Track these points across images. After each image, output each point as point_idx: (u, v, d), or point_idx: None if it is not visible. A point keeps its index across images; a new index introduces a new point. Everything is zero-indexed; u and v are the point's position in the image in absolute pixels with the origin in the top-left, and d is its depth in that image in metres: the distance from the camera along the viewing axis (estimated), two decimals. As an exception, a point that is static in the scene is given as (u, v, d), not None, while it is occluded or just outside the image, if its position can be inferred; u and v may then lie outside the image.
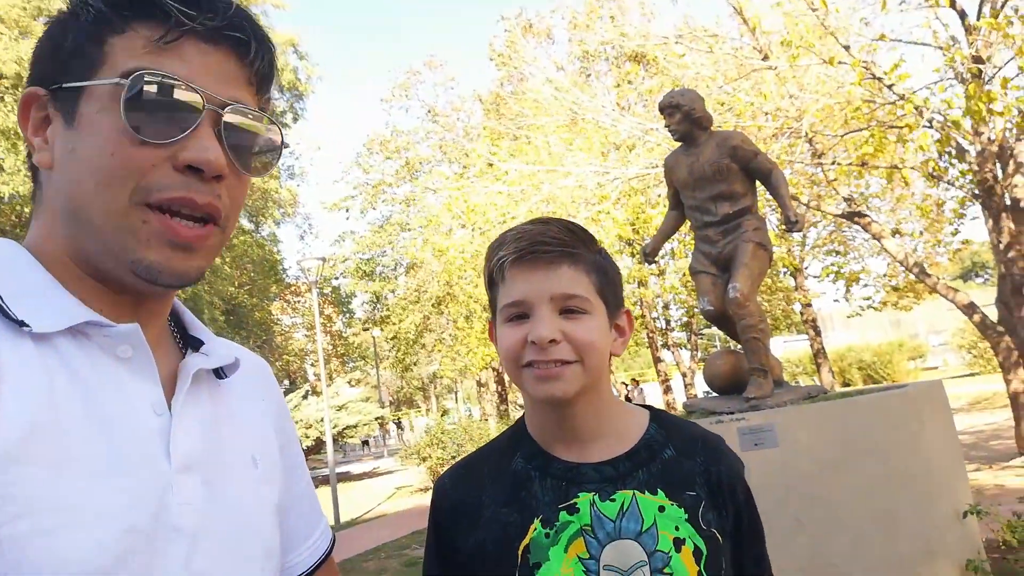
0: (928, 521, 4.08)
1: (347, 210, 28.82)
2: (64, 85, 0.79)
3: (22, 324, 0.72)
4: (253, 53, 0.82)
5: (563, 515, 1.10)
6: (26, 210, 14.43)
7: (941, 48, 8.04)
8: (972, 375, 24.44)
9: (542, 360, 1.10)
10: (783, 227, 5.11)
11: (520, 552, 1.09)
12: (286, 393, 25.43)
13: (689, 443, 1.18)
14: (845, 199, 10.05)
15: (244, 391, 0.96)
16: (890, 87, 7.74)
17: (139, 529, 0.71)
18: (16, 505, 0.64)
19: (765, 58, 8.94)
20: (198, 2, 0.77)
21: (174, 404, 0.81)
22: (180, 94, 0.77)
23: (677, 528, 1.09)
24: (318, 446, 21.11)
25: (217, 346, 0.94)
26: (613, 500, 1.10)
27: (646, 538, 1.07)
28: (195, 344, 0.93)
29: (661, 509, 1.09)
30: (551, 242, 1.12)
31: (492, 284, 1.20)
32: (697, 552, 1.08)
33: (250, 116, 0.83)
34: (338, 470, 20.01)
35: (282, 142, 0.90)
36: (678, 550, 1.07)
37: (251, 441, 0.93)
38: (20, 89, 14.20)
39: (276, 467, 0.97)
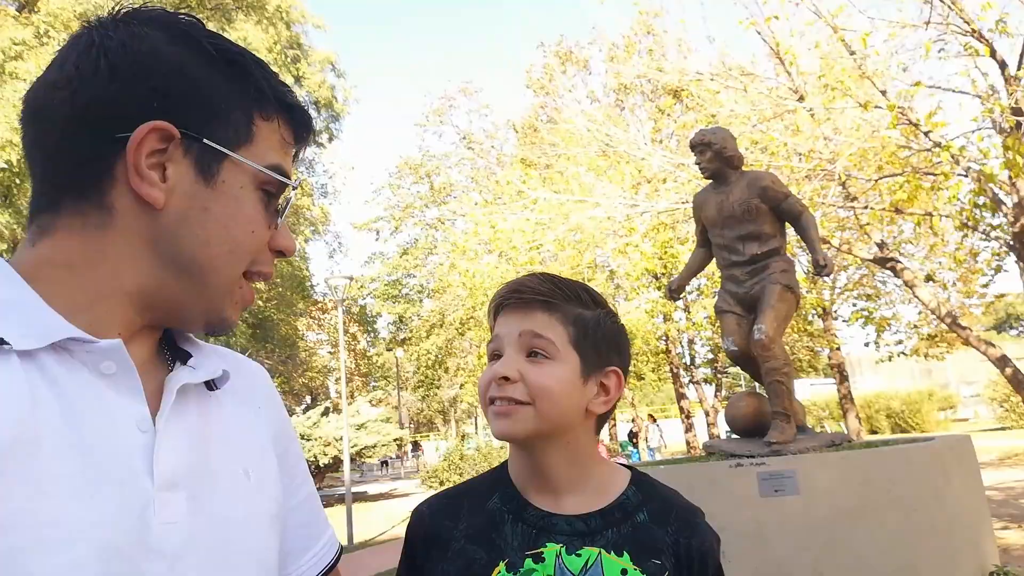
0: (951, 579, 3.97)
1: (377, 232, 29.09)
2: (212, 144, 0.82)
3: (2, 342, 0.71)
4: (296, 156, 0.94)
5: (528, 562, 1.11)
6: (18, 182, 14.53)
7: (980, 97, 7.97)
8: (1003, 429, 23.87)
9: (498, 396, 1.14)
10: (812, 270, 5.05)
11: None
12: (307, 409, 25.51)
13: (664, 510, 1.18)
14: (877, 244, 9.94)
15: (237, 401, 0.95)
16: (926, 134, 7.68)
17: (116, 549, 0.70)
18: None
19: (801, 99, 8.92)
20: (306, 116, 0.91)
21: (158, 420, 0.80)
22: (289, 191, 0.91)
23: None
24: (336, 464, 21.10)
25: (205, 358, 0.92)
26: (579, 555, 1.11)
27: None
28: (183, 357, 0.91)
29: (624, 572, 1.09)
30: (527, 291, 1.19)
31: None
32: None
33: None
34: (354, 489, 19.98)
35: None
36: None
37: (243, 453, 0.91)
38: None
39: (272, 477, 0.95)
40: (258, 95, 0.85)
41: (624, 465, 1.29)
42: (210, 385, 0.90)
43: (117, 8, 0.84)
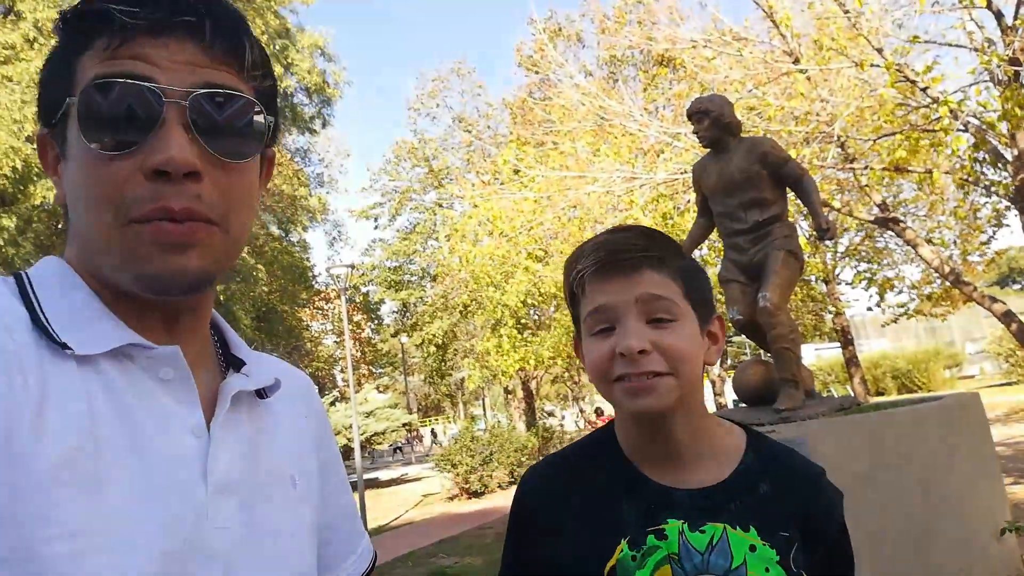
0: (964, 538, 3.97)
1: (376, 219, 29.01)
2: (53, 121, 0.79)
3: (64, 347, 0.72)
4: (210, 33, 0.76)
5: (651, 539, 1.05)
6: (22, 187, 14.73)
7: (976, 50, 7.88)
8: (1010, 384, 23.89)
9: (633, 373, 1.04)
10: (814, 234, 5.02)
11: (605, 573, 1.05)
12: (314, 399, 25.58)
13: (787, 478, 1.11)
14: (878, 205, 9.87)
15: (286, 409, 0.96)
16: (924, 90, 7.60)
17: (172, 553, 0.72)
18: (54, 527, 0.65)
19: (795, 61, 8.82)
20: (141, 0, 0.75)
21: (212, 427, 0.81)
22: (134, 95, 0.73)
23: (767, 570, 1.03)
24: (346, 452, 21.18)
25: (258, 366, 0.93)
26: (703, 532, 1.05)
27: None
28: (237, 364, 0.92)
29: (752, 548, 1.04)
30: (631, 248, 1.08)
31: (573, 299, 1.15)
32: None
33: (222, 97, 0.77)
34: (366, 476, 20.09)
35: (267, 116, 0.83)
36: None
37: (291, 461, 0.92)
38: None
39: (315, 486, 0.97)
40: (66, 41, 0.78)
41: (734, 422, 1.21)
42: (261, 393, 0.91)
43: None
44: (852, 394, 19.05)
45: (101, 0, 0.74)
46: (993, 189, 8.49)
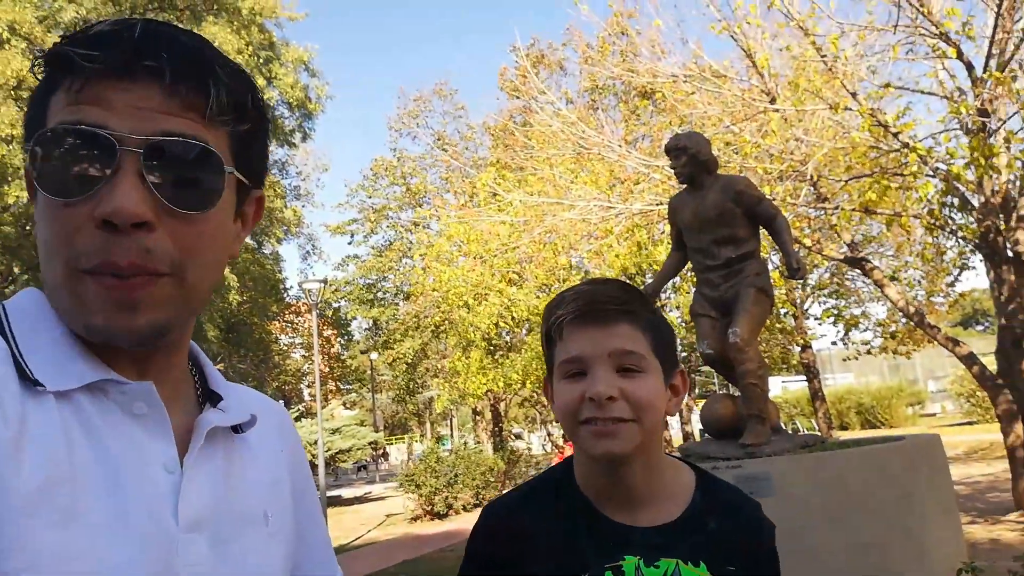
0: (923, 577, 4.03)
1: (352, 235, 28.88)
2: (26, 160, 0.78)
3: (36, 383, 0.72)
4: (171, 78, 0.73)
5: (608, 574, 1.12)
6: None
7: (947, 98, 8.11)
8: (970, 423, 24.29)
9: (600, 417, 1.11)
10: (786, 271, 5.11)
11: None
12: (280, 413, 25.20)
13: (733, 516, 1.20)
14: (847, 244, 10.07)
15: (261, 443, 0.95)
16: (896, 135, 7.79)
17: None
18: (24, 557, 0.65)
19: (772, 100, 9.01)
20: (100, 40, 0.72)
21: (186, 462, 0.81)
22: (87, 143, 0.71)
23: None
24: (310, 468, 20.93)
25: (235, 400, 0.93)
26: (657, 567, 1.12)
27: None
28: (214, 398, 0.92)
29: None
30: (608, 301, 1.15)
31: (550, 342, 1.21)
32: None
33: (178, 148, 0.74)
34: (329, 494, 19.84)
35: (222, 164, 0.79)
36: None
37: (264, 497, 0.92)
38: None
39: (288, 521, 0.96)
40: (47, 80, 0.77)
41: (684, 461, 1.29)
42: (237, 428, 0.91)
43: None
44: (816, 428, 19.25)
45: (63, 43, 0.73)
46: (960, 234, 8.70)
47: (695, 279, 5.32)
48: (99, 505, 0.71)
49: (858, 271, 11.12)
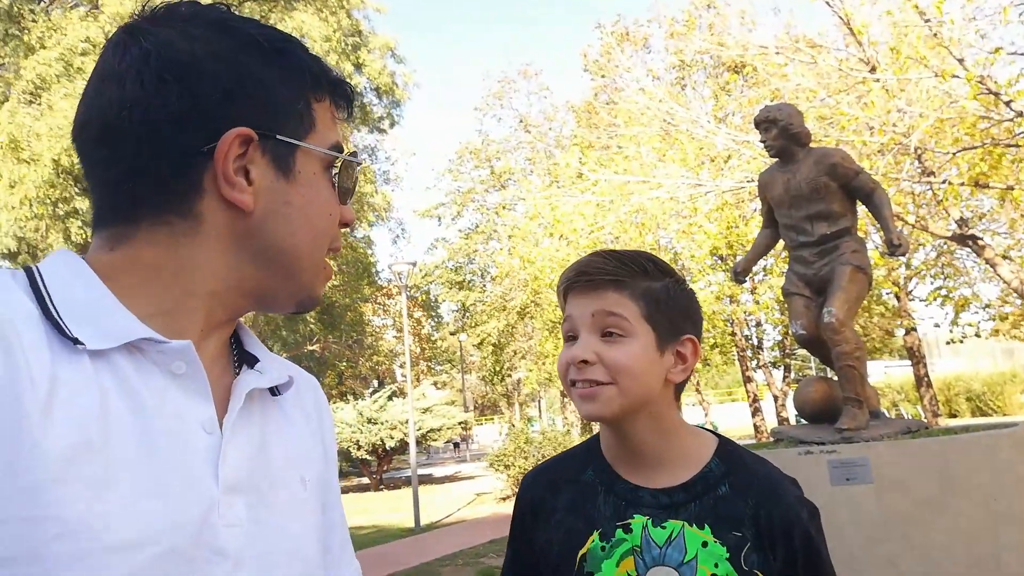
0: (1036, 572, 3.78)
1: (439, 218, 29.26)
2: (285, 139, 0.84)
3: (76, 341, 0.72)
4: (348, 115, 0.96)
5: (619, 532, 1.18)
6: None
7: (1068, 61, 7.52)
8: (1093, 411, 22.72)
9: (579, 379, 1.18)
10: (886, 249, 4.85)
11: (578, 558, 1.18)
12: (373, 393, 25.94)
13: (747, 482, 1.20)
14: (956, 221, 9.51)
15: (297, 410, 0.96)
16: (1008, 103, 7.28)
17: (180, 551, 0.71)
18: (57, 526, 0.65)
19: (872, 70, 8.56)
20: (348, 88, 0.93)
21: (225, 423, 0.81)
22: (355, 168, 0.94)
23: (716, 565, 1.13)
24: (402, 447, 21.44)
25: (271, 364, 0.93)
26: (664, 527, 1.17)
27: (686, 569, 1.13)
28: (250, 361, 0.92)
29: (704, 544, 1.14)
30: (595, 271, 1.21)
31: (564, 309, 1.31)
32: None
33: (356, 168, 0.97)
34: (420, 472, 20.28)
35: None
36: None
37: (301, 462, 0.92)
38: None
39: (321, 489, 0.97)
40: (311, 79, 0.87)
41: (713, 432, 1.31)
42: (273, 391, 0.92)
43: (150, 7, 0.84)
44: (922, 415, 18.38)
45: (331, 74, 0.91)
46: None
47: (787, 257, 5.12)
48: (137, 468, 0.71)
49: (968, 249, 10.49)
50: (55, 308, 0.74)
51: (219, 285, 0.83)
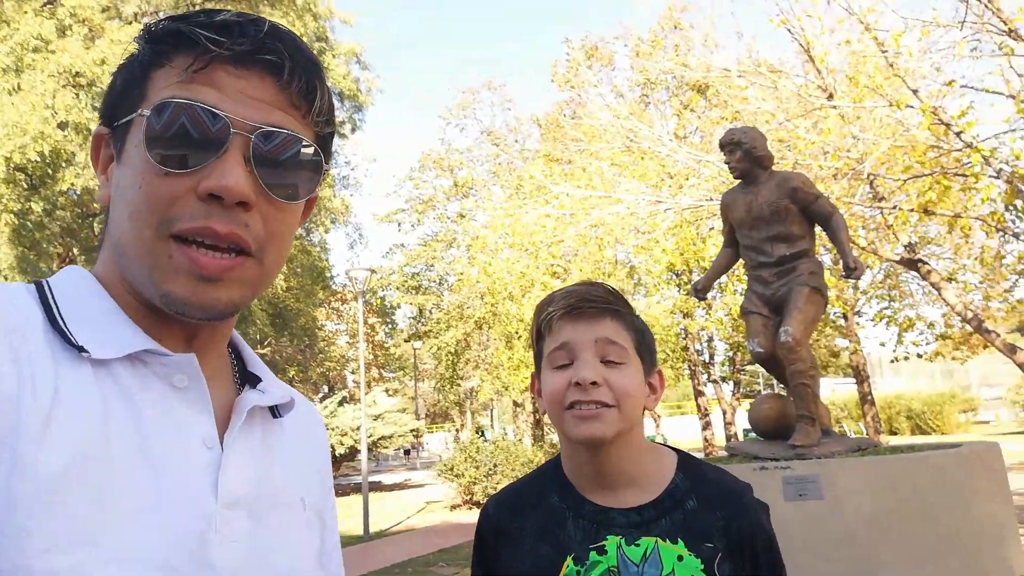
0: (977, 590, 3.92)
1: (399, 224, 29.10)
2: (115, 124, 0.81)
3: (81, 350, 0.72)
4: (288, 74, 0.79)
5: (593, 555, 1.19)
6: (51, 171, 14.99)
7: (1013, 97, 7.84)
8: (1026, 433, 23.56)
9: (584, 401, 1.20)
10: (840, 272, 5.00)
11: None
12: (323, 399, 25.64)
13: (712, 494, 1.25)
14: (905, 246, 9.82)
15: (296, 433, 0.95)
16: (958, 134, 7.56)
17: (175, 567, 0.70)
18: (51, 540, 0.64)
19: (829, 97, 8.81)
20: (228, 28, 0.77)
21: (226, 438, 0.80)
22: (204, 121, 0.75)
23: None
24: (352, 454, 21.22)
25: (274, 385, 0.93)
26: (638, 545, 1.19)
27: None
28: (252, 380, 0.92)
29: (680, 558, 1.17)
30: (597, 300, 1.25)
31: (539, 337, 1.31)
32: None
33: (285, 139, 0.79)
34: (370, 479, 20.09)
35: (322, 165, 0.85)
36: None
37: (300, 483, 0.92)
38: (93, 89, 14.78)
39: (319, 513, 0.96)
40: (148, 51, 0.80)
41: (670, 448, 1.36)
42: (274, 413, 0.91)
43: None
44: (864, 432, 18.85)
45: (189, 23, 0.77)
46: (1023, 237, 8.42)
47: (746, 277, 5.24)
48: (135, 483, 0.70)
49: (913, 273, 10.83)
50: (61, 317, 0.75)
51: (121, 287, 0.81)
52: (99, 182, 0.83)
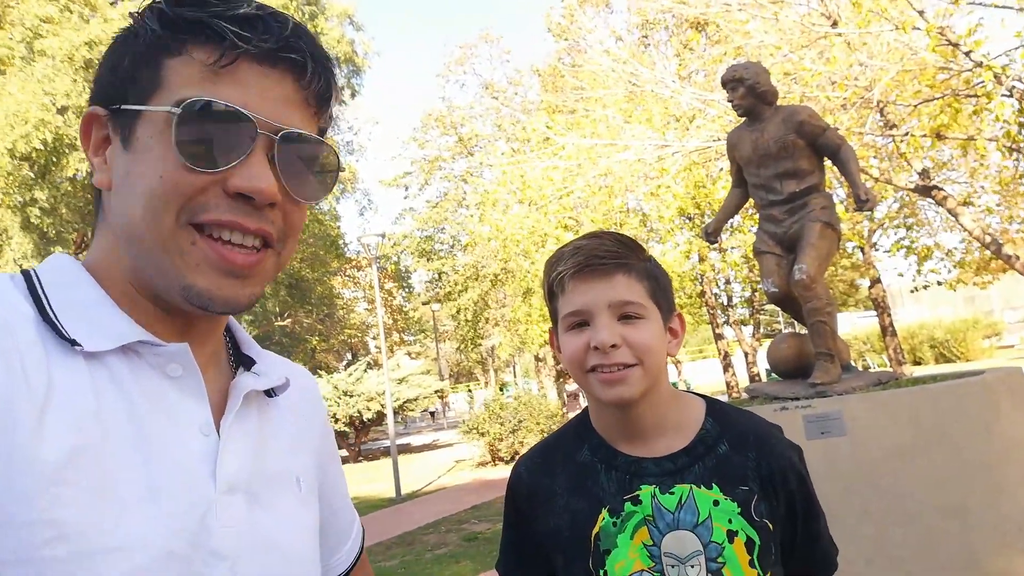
0: (1002, 514, 3.91)
1: (406, 187, 29.01)
2: (123, 107, 0.78)
3: (73, 343, 0.72)
4: (310, 74, 0.80)
5: (628, 506, 1.20)
6: (55, 159, 15.03)
7: (1022, 11, 7.59)
8: (1051, 353, 23.41)
9: (605, 364, 1.18)
10: (852, 205, 4.90)
11: (592, 539, 1.20)
12: (347, 365, 25.89)
13: (742, 438, 1.25)
14: (919, 173, 9.63)
15: (292, 409, 0.96)
16: (967, 54, 7.35)
17: (178, 554, 0.71)
18: (54, 529, 0.65)
19: (834, 24, 8.57)
20: (253, 24, 0.76)
21: (223, 425, 0.81)
22: (232, 121, 0.75)
23: (730, 521, 1.17)
24: (379, 418, 21.47)
25: (268, 365, 0.94)
26: (672, 493, 1.19)
27: (701, 530, 1.16)
28: (247, 363, 0.93)
29: (716, 503, 1.18)
30: (605, 255, 1.21)
31: (552, 296, 1.29)
32: (749, 542, 1.17)
33: (306, 141, 0.81)
34: (398, 442, 20.35)
35: (338, 166, 0.87)
36: (731, 541, 1.16)
37: (296, 461, 0.93)
38: (89, 72, 14.68)
39: (315, 486, 0.98)
40: (156, 37, 0.78)
41: (697, 394, 1.36)
42: (269, 392, 0.92)
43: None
44: (888, 364, 18.78)
45: (209, 12, 0.75)
46: (1039, 155, 8.23)
47: (757, 216, 5.15)
48: (133, 472, 0.71)
49: (930, 200, 10.65)
50: (52, 310, 0.75)
51: (121, 276, 0.81)
52: (92, 164, 0.81)
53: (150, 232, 0.76)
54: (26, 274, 0.79)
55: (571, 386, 26.23)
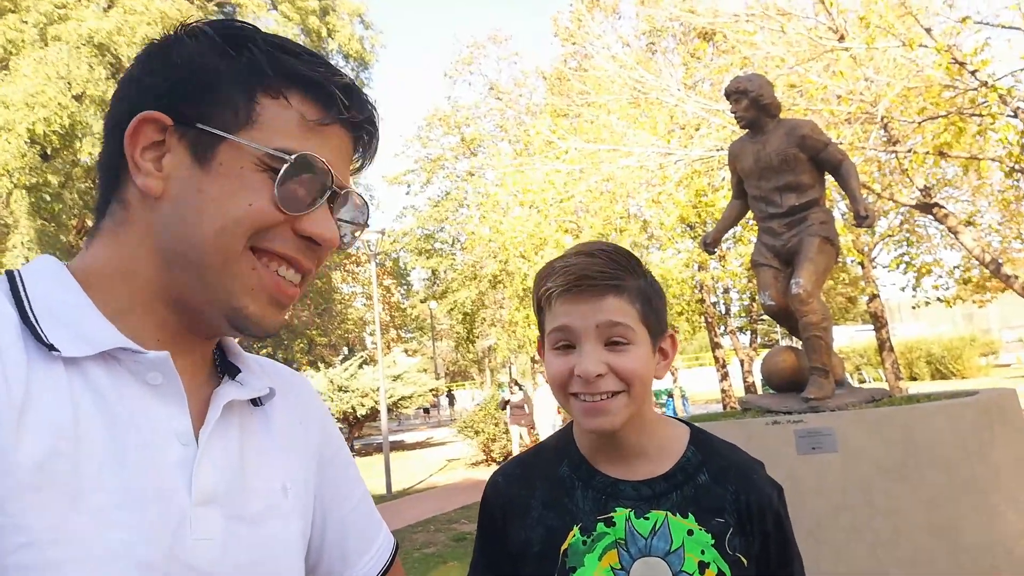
0: (994, 536, 3.90)
1: (408, 185, 29.02)
2: (207, 128, 0.79)
3: (52, 348, 0.71)
4: (369, 146, 0.91)
5: (600, 526, 1.17)
6: (67, 141, 14.99)
7: (1031, 32, 7.59)
8: (1047, 373, 23.41)
9: (588, 393, 1.15)
10: (852, 220, 4.90)
11: (560, 554, 1.17)
12: (344, 360, 25.85)
13: (723, 470, 1.22)
14: (920, 190, 9.63)
15: (281, 416, 0.95)
16: (973, 73, 7.34)
17: (151, 565, 0.70)
18: (25, 535, 0.64)
19: (841, 38, 8.56)
20: (350, 92, 0.84)
21: (201, 435, 0.80)
22: (321, 175, 0.82)
23: (703, 552, 1.15)
24: (373, 415, 21.45)
25: (253, 374, 0.92)
26: (647, 519, 1.17)
27: (673, 558, 1.14)
28: (232, 371, 0.91)
29: (690, 533, 1.15)
30: (597, 276, 1.16)
31: (540, 311, 1.25)
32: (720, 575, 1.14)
33: (359, 203, 0.91)
34: (392, 439, 20.33)
35: (367, 219, 0.95)
36: (702, 572, 1.13)
37: (283, 469, 0.91)
38: (105, 58, 14.67)
39: (308, 493, 0.96)
40: (263, 75, 0.80)
41: (683, 421, 1.33)
42: (255, 400, 0.91)
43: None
44: (884, 378, 18.76)
45: (323, 76, 0.82)
46: (1041, 176, 8.23)
47: (756, 228, 5.15)
48: (108, 478, 0.70)
49: (930, 217, 10.65)
50: (33, 313, 0.74)
51: (155, 286, 0.80)
52: (138, 166, 0.79)
53: (218, 251, 0.78)
54: (10, 275, 0.78)
55: None
